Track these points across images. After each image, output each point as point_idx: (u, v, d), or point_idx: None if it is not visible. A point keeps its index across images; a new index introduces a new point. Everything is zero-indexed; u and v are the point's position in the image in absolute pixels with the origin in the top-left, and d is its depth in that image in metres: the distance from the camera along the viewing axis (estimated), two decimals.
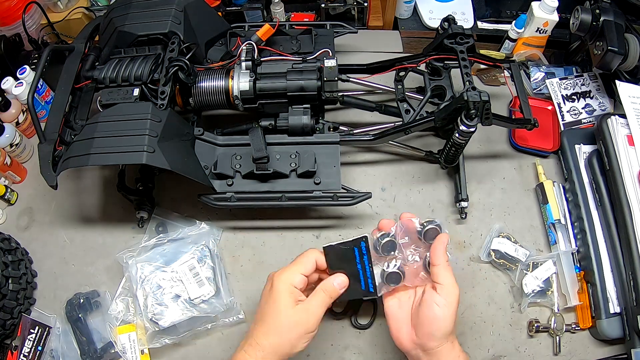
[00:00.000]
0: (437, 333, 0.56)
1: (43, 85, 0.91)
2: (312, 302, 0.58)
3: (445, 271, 0.58)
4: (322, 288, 0.59)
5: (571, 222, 0.81)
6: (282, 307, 0.56)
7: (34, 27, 0.99)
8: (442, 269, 0.58)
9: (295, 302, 0.57)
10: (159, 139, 0.66)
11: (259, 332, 0.57)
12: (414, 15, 1.08)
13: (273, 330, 0.56)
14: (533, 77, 0.95)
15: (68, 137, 0.73)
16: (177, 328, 0.73)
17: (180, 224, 0.82)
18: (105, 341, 0.74)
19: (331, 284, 0.59)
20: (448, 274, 0.58)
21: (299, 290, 0.58)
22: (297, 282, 0.57)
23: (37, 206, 0.87)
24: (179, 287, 0.74)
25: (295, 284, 0.57)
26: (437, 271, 0.58)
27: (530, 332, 0.75)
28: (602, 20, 0.80)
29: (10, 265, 0.74)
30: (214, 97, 0.77)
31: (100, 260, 0.81)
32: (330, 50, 0.82)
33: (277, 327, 0.56)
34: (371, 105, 0.84)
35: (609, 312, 0.73)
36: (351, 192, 0.76)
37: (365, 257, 0.59)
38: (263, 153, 0.71)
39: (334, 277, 0.59)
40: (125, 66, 0.74)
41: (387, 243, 0.59)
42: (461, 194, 0.80)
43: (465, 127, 0.70)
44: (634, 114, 0.78)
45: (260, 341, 0.56)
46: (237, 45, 0.84)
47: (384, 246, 0.59)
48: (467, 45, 0.80)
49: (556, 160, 0.89)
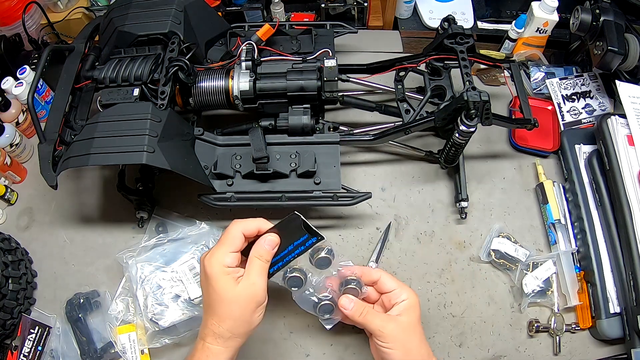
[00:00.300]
0: None
1: (43, 85, 0.91)
2: (252, 274, 0.56)
3: (375, 318, 0.60)
4: (255, 255, 0.57)
5: (571, 222, 0.81)
6: (224, 291, 0.55)
7: (34, 27, 0.99)
8: (371, 315, 0.60)
9: (235, 281, 0.55)
10: (159, 139, 0.66)
11: (212, 322, 0.56)
12: (414, 15, 1.08)
13: (224, 316, 0.55)
14: (533, 77, 0.95)
15: (68, 137, 0.73)
16: (177, 328, 0.73)
17: (180, 224, 0.82)
18: (105, 341, 0.74)
19: (262, 246, 0.58)
20: (378, 319, 0.60)
21: (234, 268, 0.56)
22: (230, 262, 0.56)
23: (37, 206, 0.87)
24: (179, 287, 0.74)
25: (228, 264, 0.56)
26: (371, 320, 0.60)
27: (530, 332, 0.75)
28: (602, 20, 0.80)
29: (10, 265, 0.74)
30: (214, 97, 0.77)
31: (100, 260, 0.81)
32: (330, 50, 0.82)
33: (227, 311, 0.55)
34: (371, 105, 0.84)
35: (609, 312, 0.73)
36: (351, 192, 0.76)
37: (301, 249, 0.60)
38: (263, 153, 0.71)
39: (263, 238, 0.58)
40: (125, 66, 0.74)
41: (322, 258, 0.63)
42: (461, 194, 0.80)
43: (465, 127, 0.70)
44: (634, 114, 0.78)
45: (217, 330, 0.55)
46: (237, 45, 0.84)
47: (319, 259, 0.63)
48: (467, 45, 0.80)
49: (556, 160, 0.89)
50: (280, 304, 0.77)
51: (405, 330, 0.59)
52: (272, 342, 0.75)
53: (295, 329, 0.76)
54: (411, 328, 0.60)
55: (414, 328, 0.60)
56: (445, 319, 0.76)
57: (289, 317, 0.76)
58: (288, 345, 0.75)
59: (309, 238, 0.60)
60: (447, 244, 0.81)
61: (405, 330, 0.59)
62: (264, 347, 0.75)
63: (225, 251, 0.56)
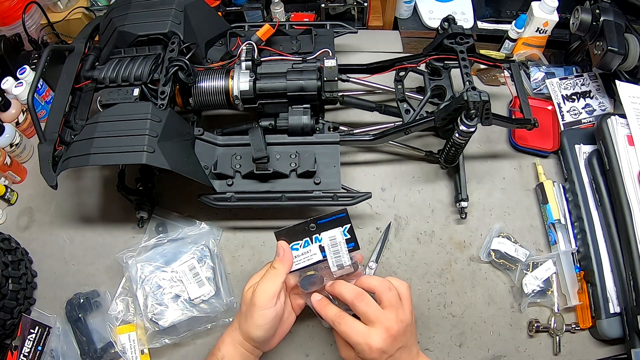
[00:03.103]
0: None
1: (43, 85, 0.91)
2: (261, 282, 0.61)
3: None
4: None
5: (571, 222, 0.81)
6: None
7: (34, 27, 0.99)
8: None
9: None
10: (159, 139, 0.66)
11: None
12: (414, 15, 1.08)
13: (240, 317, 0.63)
14: (533, 77, 0.95)
15: (68, 137, 0.73)
16: (177, 328, 0.73)
17: (180, 224, 0.82)
18: (105, 341, 0.74)
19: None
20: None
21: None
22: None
23: (37, 206, 0.87)
24: (179, 287, 0.74)
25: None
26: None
27: (530, 332, 0.75)
28: (602, 20, 0.80)
29: (10, 265, 0.74)
30: (214, 97, 0.77)
31: (100, 260, 0.81)
32: (330, 50, 0.82)
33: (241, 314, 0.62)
34: (371, 105, 0.84)
35: (609, 312, 0.73)
36: (351, 192, 0.76)
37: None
38: (263, 153, 0.71)
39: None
40: (125, 66, 0.74)
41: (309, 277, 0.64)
42: (461, 194, 0.80)
43: (465, 127, 0.70)
44: (634, 114, 0.78)
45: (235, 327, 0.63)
46: (237, 45, 0.84)
47: (305, 278, 0.64)
48: (467, 45, 0.80)
49: (556, 160, 0.89)
50: None
51: (391, 320, 0.57)
52: None
53: (295, 329, 0.76)
54: (398, 321, 0.57)
55: (400, 322, 0.57)
56: (445, 319, 0.76)
57: None
58: (288, 345, 0.75)
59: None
60: (447, 244, 0.82)
61: (390, 320, 0.57)
62: None
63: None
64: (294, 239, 0.63)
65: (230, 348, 0.62)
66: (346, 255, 0.62)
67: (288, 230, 0.62)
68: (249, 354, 0.62)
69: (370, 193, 0.76)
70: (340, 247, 0.62)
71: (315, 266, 0.63)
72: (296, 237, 0.63)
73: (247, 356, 0.62)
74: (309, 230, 0.62)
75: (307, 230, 0.62)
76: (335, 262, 0.63)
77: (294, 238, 0.63)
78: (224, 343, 0.63)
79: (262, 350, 0.65)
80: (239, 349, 0.62)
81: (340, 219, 0.62)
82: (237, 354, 0.62)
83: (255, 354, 0.64)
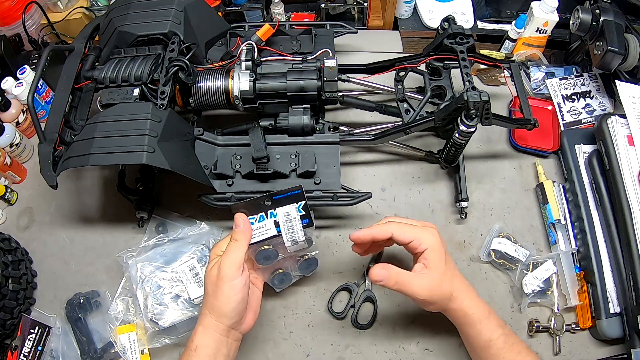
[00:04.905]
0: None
1: (43, 85, 0.91)
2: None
3: (408, 285, 0.63)
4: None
5: (571, 222, 0.81)
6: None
7: (34, 27, 0.99)
8: (404, 284, 0.63)
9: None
10: (159, 139, 0.66)
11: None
12: (414, 15, 1.08)
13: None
14: (533, 77, 0.95)
15: (68, 137, 0.73)
16: (177, 328, 0.73)
17: (180, 224, 0.82)
18: (105, 341, 0.74)
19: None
20: (411, 286, 0.63)
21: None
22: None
23: (37, 206, 0.87)
24: (179, 287, 0.74)
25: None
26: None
27: (530, 332, 0.75)
28: (602, 20, 0.80)
29: (10, 265, 0.74)
30: (214, 97, 0.77)
31: (100, 260, 0.81)
32: (330, 50, 0.82)
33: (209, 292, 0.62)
34: (371, 105, 0.84)
35: (609, 312, 0.73)
36: (351, 192, 0.76)
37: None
38: (263, 153, 0.71)
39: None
40: (125, 66, 0.74)
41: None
42: (461, 194, 0.80)
43: (465, 127, 0.70)
44: (634, 114, 0.78)
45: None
46: (237, 45, 0.84)
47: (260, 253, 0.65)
48: (467, 45, 0.80)
49: (556, 160, 0.89)
50: (280, 304, 0.77)
51: (435, 280, 0.62)
52: (272, 342, 0.75)
53: (295, 329, 0.76)
54: (441, 275, 0.63)
55: (442, 275, 0.63)
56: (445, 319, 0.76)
57: (288, 317, 0.76)
58: (288, 345, 0.75)
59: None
60: (447, 244, 0.81)
61: (435, 280, 0.62)
62: (264, 347, 0.75)
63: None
64: (250, 213, 0.64)
65: (203, 337, 0.60)
66: (300, 231, 0.64)
67: (245, 204, 0.63)
68: (224, 337, 0.60)
69: (370, 193, 0.76)
70: (295, 223, 0.64)
71: (269, 241, 0.64)
72: (252, 212, 0.64)
73: (222, 340, 0.60)
74: (265, 205, 0.63)
75: (263, 205, 0.63)
76: (289, 237, 0.64)
77: (250, 212, 0.64)
78: (195, 334, 0.60)
79: (238, 331, 0.63)
80: (213, 334, 0.60)
81: (295, 195, 0.63)
82: (212, 340, 0.60)
83: (232, 337, 0.62)
